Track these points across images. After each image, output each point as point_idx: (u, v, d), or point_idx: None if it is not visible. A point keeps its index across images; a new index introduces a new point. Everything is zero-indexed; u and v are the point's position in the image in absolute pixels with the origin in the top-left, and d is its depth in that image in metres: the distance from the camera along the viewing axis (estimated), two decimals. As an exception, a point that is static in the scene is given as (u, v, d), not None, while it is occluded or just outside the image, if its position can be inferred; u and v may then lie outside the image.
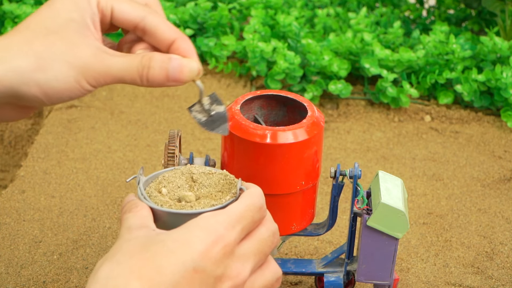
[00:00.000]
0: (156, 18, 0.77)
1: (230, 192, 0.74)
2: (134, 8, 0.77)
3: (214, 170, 0.77)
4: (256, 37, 1.44)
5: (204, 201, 0.73)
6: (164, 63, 0.75)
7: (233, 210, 0.70)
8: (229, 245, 0.68)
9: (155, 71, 0.75)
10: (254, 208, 0.71)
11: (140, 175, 0.76)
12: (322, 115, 0.88)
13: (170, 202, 0.73)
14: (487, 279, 1.04)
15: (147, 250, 0.67)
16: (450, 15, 1.66)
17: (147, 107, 1.40)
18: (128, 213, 0.71)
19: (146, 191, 0.75)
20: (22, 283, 1.01)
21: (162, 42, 0.77)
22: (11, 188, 1.19)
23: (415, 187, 1.22)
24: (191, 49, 0.77)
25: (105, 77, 0.74)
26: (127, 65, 0.75)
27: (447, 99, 1.42)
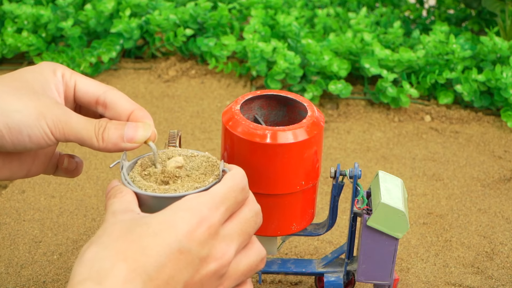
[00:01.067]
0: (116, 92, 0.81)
1: (213, 174, 0.75)
2: (97, 83, 0.81)
3: (196, 153, 0.78)
4: (256, 37, 1.44)
5: (187, 183, 0.73)
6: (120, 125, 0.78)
7: (217, 192, 0.71)
8: (213, 226, 0.69)
9: (110, 131, 0.77)
10: (237, 189, 0.72)
11: (123, 160, 0.76)
12: (322, 115, 0.88)
13: (153, 186, 0.73)
14: (487, 279, 1.04)
15: (132, 233, 0.67)
16: (450, 15, 1.66)
17: (147, 107, 1.40)
18: (112, 198, 0.72)
19: (129, 176, 0.75)
20: (22, 283, 1.01)
21: (121, 114, 0.80)
22: (11, 188, 1.19)
23: (415, 187, 1.22)
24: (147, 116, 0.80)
25: (64, 127, 0.76)
26: (85, 122, 0.77)
27: (447, 99, 1.42)
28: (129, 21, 1.49)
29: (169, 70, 1.50)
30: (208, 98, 1.43)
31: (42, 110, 0.75)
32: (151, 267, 0.66)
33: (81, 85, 0.81)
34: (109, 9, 1.51)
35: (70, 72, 0.81)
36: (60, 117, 0.76)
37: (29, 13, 1.51)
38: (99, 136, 0.77)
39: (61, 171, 0.87)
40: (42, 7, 1.52)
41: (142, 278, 0.66)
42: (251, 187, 0.86)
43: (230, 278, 0.72)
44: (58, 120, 0.76)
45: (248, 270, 0.73)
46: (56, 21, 1.51)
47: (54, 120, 0.76)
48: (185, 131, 1.34)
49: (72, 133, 0.77)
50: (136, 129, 0.78)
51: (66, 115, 0.76)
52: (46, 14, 1.51)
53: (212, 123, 1.36)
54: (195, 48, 1.51)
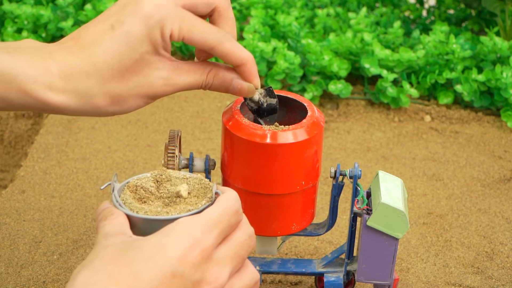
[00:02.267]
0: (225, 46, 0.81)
1: (205, 196, 0.74)
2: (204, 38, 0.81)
3: (188, 175, 0.77)
4: (256, 37, 1.44)
5: (180, 206, 0.73)
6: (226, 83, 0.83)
7: (210, 214, 0.70)
8: (207, 249, 0.68)
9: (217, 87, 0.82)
10: (230, 212, 0.71)
11: (114, 182, 0.75)
12: (322, 115, 0.88)
13: (145, 209, 0.73)
14: (487, 279, 1.04)
15: (124, 256, 0.66)
16: (450, 15, 1.66)
17: (147, 107, 1.40)
18: (104, 221, 0.71)
19: (121, 197, 0.74)
20: (22, 283, 1.01)
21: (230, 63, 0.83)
22: (11, 188, 1.19)
23: (415, 187, 1.22)
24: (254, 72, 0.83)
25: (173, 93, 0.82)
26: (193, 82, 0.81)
27: (447, 99, 1.42)
28: (129, 21, 1.49)
29: (169, 70, 1.50)
30: (208, 98, 1.43)
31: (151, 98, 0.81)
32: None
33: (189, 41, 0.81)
34: (109, 9, 1.51)
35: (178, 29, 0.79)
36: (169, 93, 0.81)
37: (29, 13, 1.51)
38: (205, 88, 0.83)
39: None
40: (42, 7, 1.52)
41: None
42: (251, 187, 0.86)
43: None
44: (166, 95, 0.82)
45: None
46: (56, 21, 1.51)
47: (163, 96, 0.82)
48: (185, 131, 1.34)
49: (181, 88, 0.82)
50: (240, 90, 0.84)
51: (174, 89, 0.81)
52: (46, 14, 1.51)
53: (212, 123, 1.36)
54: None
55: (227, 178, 0.88)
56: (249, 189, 0.86)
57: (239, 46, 0.82)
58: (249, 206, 0.88)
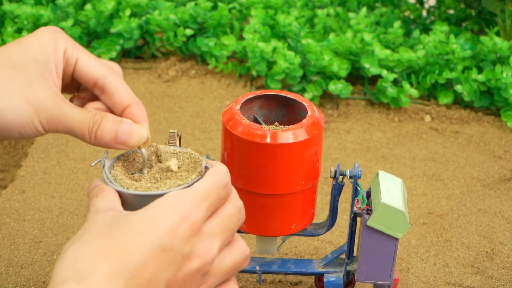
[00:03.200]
0: (117, 79, 0.79)
1: (195, 171, 0.74)
2: (98, 64, 0.79)
3: (178, 149, 0.77)
4: (256, 37, 1.44)
5: (170, 181, 0.73)
6: (115, 123, 0.77)
7: (199, 188, 0.70)
8: (196, 223, 0.68)
9: (105, 130, 0.76)
10: (219, 186, 0.71)
11: (105, 159, 0.75)
12: (322, 115, 0.88)
13: (135, 184, 0.73)
14: (487, 279, 1.04)
15: (113, 231, 0.67)
16: (450, 15, 1.66)
17: (147, 107, 1.40)
18: (95, 198, 0.71)
19: (111, 174, 0.74)
20: (22, 283, 1.01)
21: (118, 104, 0.78)
22: (11, 188, 1.19)
23: (415, 187, 1.22)
24: (144, 116, 0.78)
25: (57, 122, 0.76)
26: (80, 117, 0.76)
27: (447, 99, 1.42)
28: (129, 21, 1.49)
29: (169, 70, 1.50)
30: (208, 98, 1.43)
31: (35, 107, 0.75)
32: (133, 265, 0.65)
33: (82, 65, 0.79)
34: (109, 9, 1.51)
35: (72, 47, 0.79)
36: (54, 114, 0.75)
37: (29, 13, 1.51)
38: (92, 133, 0.76)
39: None
40: (42, 7, 1.52)
41: (124, 276, 0.65)
42: (251, 187, 0.86)
43: (213, 276, 0.71)
44: (51, 117, 0.75)
45: (232, 268, 0.72)
46: (56, 21, 1.51)
47: (47, 117, 0.75)
48: (185, 131, 1.34)
49: (66, 128, 0.76)
50: (131, 132, 0.77)
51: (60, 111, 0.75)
52: (46, 14, 1.51)
53: (212, 123, 1.36)
54: (195, 48, 1.51)
55: (227, 178, 0.88)
56: (249, 189, 0.86)
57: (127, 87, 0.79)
58: (249, 206, 0.88)
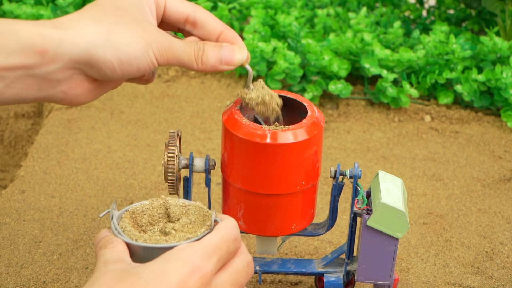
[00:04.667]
0: (205, 12, 0.83)
1: (204, 224, 0.74)
2: (185, 2, 0.83)
3: (187, 203, 0.77)
4: (256, 37, 1.44)
5: (179, 234, 0.73)
6: (216, 47, 0.81)
7: (209, 242, 0.70)
8: (205, 276, 0.68)
9: (209, 54, 0.81)
10: (229, 239, 0.71)
11: (113, 210, 0.75)
12: (322, 115, 0.88)
13: (145, 237, 0.73)
14: (487, 279, 1.04)
15: (123, 282, 0.66)
16: (450, 15, 1.66)
17: (147, 107, 1.40)
18: (103, 249, 0.71)
19: (120, 225, 0.74)
20: (22, 283, 1.01)
21: (211, 33, 0.83)
22: (11, 188, 1.19)
23: (415, 187, 1.22)
24: (238, 37, 0.83)
25: (167, 53, 0.79)
26: (186, 46, 0.80)
27: (447, 99, 1.42)
28: (129, 21, 1.49)
29: (169, 70, 1.50)
30: (208, 98, 1.43)
31: (148, 40, 0.78)
32: None
33: (171, 4, 0.82)
34: (109, 9, 1.51)
35: None
36: (164, 44, 0.79)
37: (29, 13, 1.51)
38: (198, 59, 0.80)
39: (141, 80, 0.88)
40: (42, 7, 1.52)
41: None
42: (251, 187, 0.86)
43: None
44: (163, 47, 0.79)
45: None
46: (56, 21, 1.51)
47: (160, 48, 0.78)
48: (185, 131, 1.34)
49: (175, 58, 0.80)
50: (233, 52, 0.81)
51: (169, 42, 0.79)
52: (46, 14, 1.51)
53: (212, 123, 1.36)
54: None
55: (227, 178, 0.88)
56: (249, 189, 0.86)
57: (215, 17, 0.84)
58: (249, 206, 0.88)
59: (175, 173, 0.88)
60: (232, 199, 0.89)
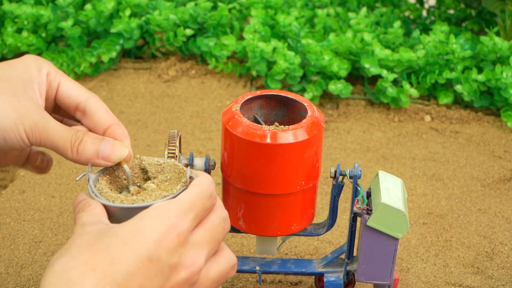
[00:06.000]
0: (98, 102, 0.80)
1: (180, 181, 0.74)
2: (79, 88, 0.80)
3: (162, 161, 0.77)
4: (256, 37, 1.44)
5: (155, 193, 0.73)
6: (96, 139, 0.77)
7: (184, 199, 0.70)
8: (182, 233, 0.69)
9: (86, 145, 0.77)
10: (204, 196, 0.71)
11: (89, 173, 0.75)
12: (322, 115, 0.88)
13: (121, 197, 0.73)
14: (487, 279, 1.04)
15: (100, 242, 0.67)
16: (450, 15, 1.66)
17: (147, 107, 1.40)
18: (81, 212, 0.72)
19: (96, 188, 0.74)
20: (22, 283, 1.01)
21: (99, 124, 0.79)
22: (11, 188, 1.19)
23: (415, 187, 1.22)
24: (125, 134, 0.79)
25: (41, 133, 0.76)
26: (63, 131, 0.77)
27: (447, 99, 1.42)
28: (129, 21, 1.49)
29: (169, 70, 1.50)
30: (208, 98, 1.43)
31: (20, 114, 0.75)
32: (121, 276, 0.66)
33: (64, 88, 0.80)
34: (109, 9, 1.51)
35: (55, 71, 0.80)
36: (38, 123, 0.76)
37: (29, 13, 1.51)
38: (74, 148, 0.77)
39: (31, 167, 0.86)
40: (42, 7, 1.52)
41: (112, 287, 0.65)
42: (251, 187, 0.86)
43: (201, 286, 0.71)
44: (35, 125, 0.75)
45: (219, 277, 0.72)
46: (56, 21, 1.51)
47: (32, 125, 0.75)
48: (185, 131, 1.34)
49: (48, 140, 0.76)
50: (113, 148, 0.77)
51: (44, 121, 0.76)
52: (46, 14, 1.51)
53: (212, 123, 1.36)
54: (195, 48, 1.51)
55: (227, 178, 0.88)
56: (249, 189, 0.86)
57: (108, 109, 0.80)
58: (249, 206, 0.88)
59: (175, 173, 0.88)
60: (232, 199, 0.89)
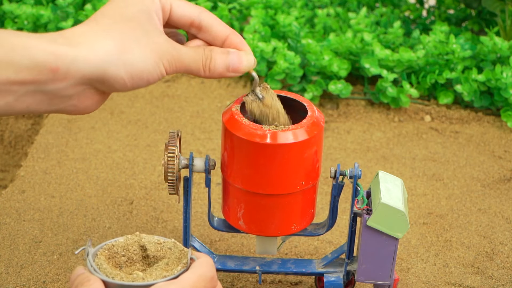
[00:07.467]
0: (211, 15, 0.82)
1: (180, 262, 0.74)
2: (191, 5, 0.82)
3: (162, 240, 0.77)
4: (256, 37, 1.44)
5: (155, 272, 0.73)
6: (223, 55, 0.81)
7: (186, 280, 0.70)
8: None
9: (217, 62, 0.81)
10: (206, 279, 0.71)
11: (89, 247, 0.75)
12: (322, 115, 0.88)
13: (121, 274, 0.73)
14: (487, 279, 1.04)
15: None
16: (450, 15, 1.66)
17: (147, 107, 1.40)
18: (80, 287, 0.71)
19: (95, 262, 0.74)
20: (22, 283, 1.01)
21: (216, 37, 0.82)
22: (11, 188, 1.19)
23: (415, 187, 1.22)
24: (244, 42, 0.83)
25: (177, 63, 0.79)
26: (193, 54, 0.80)
27: (447, 99, 1.42)
28: (129, 21, 1.49)
29: (169, 70, 1.50)
30: (208, 98, 1.43)
31: (159, 53, 0.78)
32: None
33: (177, 8, 0.82)
34: (109, 9, 1.51)
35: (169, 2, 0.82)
36: (174, 55, 0.79)
37: (29, 13, 1.51)
38: (206, 67, 0.81)
39: None
40: (42, 7, 1.52)
41: None
42: (251, 187, 0.86)
43: None
44: (172, 58, 0.79)
45: None
46: (56, 21, 1.51)
47: (169, 59, 0.79)
48: (185, 131, 1.34)
49: (183, 67, 0.80)
50: (240, 59, 0.81)
51: (177, 52, 0.79)
52: (46, 14, 1.51)
53: (212, 123, 1.36)
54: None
55: (227, 178, 0.89)
56: (249, 189, 0.86)
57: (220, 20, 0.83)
58: (249, 206, 0.88)
59: (175, 173, 0.88)
60: (232, 199, 0.89)
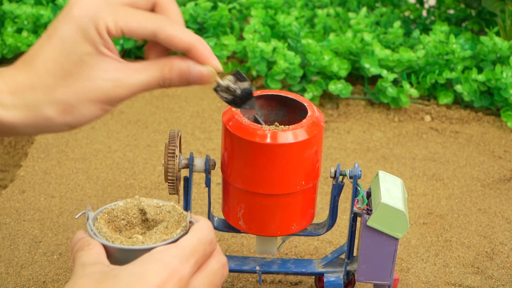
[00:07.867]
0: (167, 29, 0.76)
1: (180, 225, 0.74)
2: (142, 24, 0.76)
3: (162, 203, 0.77)
4: (256, 37, 1.44)
5: (155, 236, 0.73)
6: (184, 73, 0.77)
7: (186, 244, 0.70)
8: (183, 278, 0.69)
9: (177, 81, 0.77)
10: (205, 242, 0.72)
11: (89, 211, 0.75)
12: (322, 115, 0.88)
13: (121, 238, 0.73)
14: (487, 279, 1.04)
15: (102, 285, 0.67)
16: (450, 15, 1.66)
17: (147, 107, 1.40)
18: (80, 251, 0.71)
19: (95, 226, 0.74)
20: (22, 283, 1.01)
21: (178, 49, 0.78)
22: (11, 188, 1.19)
23: (415, 187, 1.22)
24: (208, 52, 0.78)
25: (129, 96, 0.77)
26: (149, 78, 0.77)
27: (447, 99, 1.42)
28: (129, 21, 1.49)
29: (169, 70, 1.50)
30: (208, 98, 1.43)
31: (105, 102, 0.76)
32: None
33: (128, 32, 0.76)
34: (109, 9, 1.51)
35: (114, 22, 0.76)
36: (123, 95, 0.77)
37: (29, 13, 1.51)
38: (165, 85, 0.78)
39: None
40: (42, 7, 1.52)
41: None
42: (251, 187, 0.86)
43: None
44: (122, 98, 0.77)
45: None
46: (56, 21, 1.51)
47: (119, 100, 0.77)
48: (185, 131, 1.34)
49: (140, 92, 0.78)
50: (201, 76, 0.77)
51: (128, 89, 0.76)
52: (46, 14, 1.51)
53: (212, 123, 1.36)
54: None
55: (227, 178, 0.88)
56: (249, 189, 0.86)
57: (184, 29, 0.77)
58: (249, 206, 0.88)
59: (175, 173, 0.88)
60: (232, 199, 0.89)
